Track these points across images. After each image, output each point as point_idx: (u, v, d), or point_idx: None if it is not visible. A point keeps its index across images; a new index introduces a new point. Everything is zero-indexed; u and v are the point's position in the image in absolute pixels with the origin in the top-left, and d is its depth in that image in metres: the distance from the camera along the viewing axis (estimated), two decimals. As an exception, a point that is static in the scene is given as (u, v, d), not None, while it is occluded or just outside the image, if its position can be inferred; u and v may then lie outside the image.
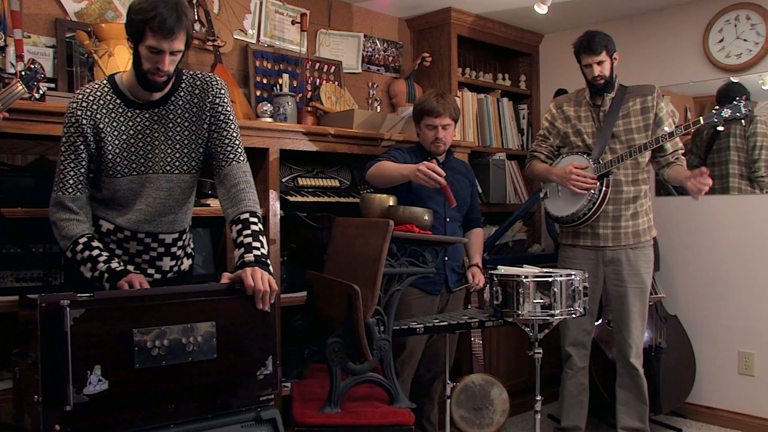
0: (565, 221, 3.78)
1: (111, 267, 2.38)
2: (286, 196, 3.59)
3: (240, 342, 2.25)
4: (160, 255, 2.60)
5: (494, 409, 3.85)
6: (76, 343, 1.97)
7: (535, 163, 3.98)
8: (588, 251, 3.79)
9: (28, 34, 3.31)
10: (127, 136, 2.46)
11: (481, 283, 3.68)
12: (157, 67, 2.34)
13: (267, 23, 4.23)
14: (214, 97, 2.54)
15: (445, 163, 3.63)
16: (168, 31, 2.27)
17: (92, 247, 2.41)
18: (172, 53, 2.34)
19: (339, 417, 2.65)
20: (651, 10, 4.78)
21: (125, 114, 2.46)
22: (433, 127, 3.52)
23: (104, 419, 2.02)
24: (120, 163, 2.46)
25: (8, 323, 2.69)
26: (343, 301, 2.65)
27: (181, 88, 2.52)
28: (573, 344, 3.86)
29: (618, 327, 3.81)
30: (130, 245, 2.55)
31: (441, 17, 4.82)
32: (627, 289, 3.73)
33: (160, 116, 2.50)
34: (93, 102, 2.43)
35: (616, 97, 3.74)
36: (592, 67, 3.65)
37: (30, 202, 2.91)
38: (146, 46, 2.31)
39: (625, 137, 3.69)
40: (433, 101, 3.51)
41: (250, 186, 2.50)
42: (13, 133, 2.76)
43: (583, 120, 3.81)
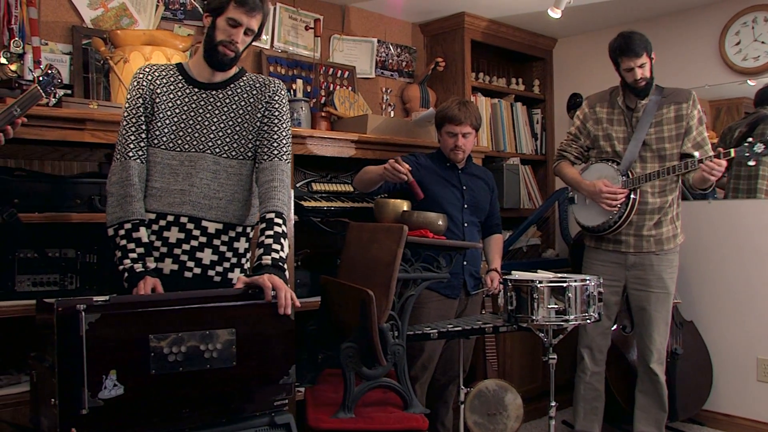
0: (592, 230, 3.75)
1: (133, 267, 2.37)
2: (301, 201, 3.60)
3: (261, 351, 2.24)
4: (201, 245, 2.55)
5: (508, 414, 3.84)
6: (92, 348, 1.97)
7: (565, 166, 3.90)
8: (610, 255, 3.76)
9: (45, 42, 3.34)
10: (180, 110, 2.53)
11: (498, 287, 3.68)
12: (231, 39, 2.46)
13: (281, 29, 4.25)
14: (273, 94, 2.61)
15: (464, 170, 3.65)
16: (251, 6, 2.45)
17: (131, 237, 2.41)
18: (247, 32, 2.49)
19: (353, 422, 2.65)
20: (666, 13, 4.76)
21: (183, 90, 2.55)
22: (454, 134, 3.53)
23: (119, 423, 2.03)
24: (167, 135, 2.51)
25: (25, 327, 2.72)
26: (357, 306, 2.65)
27: (242, 80, 2.62)
28: (588, 347, 3.83)
29: (640, 332, 3.77)
30: (171, 233, 2.51)
31: (454, 22, 4.82)
32: (650, 294, 3.68)
33: (217, 98, 2.57)
34: (156, 70, 2.56)
35: (650, 103, 3.63)
36: (633, 71, 3.55)
37: (47, 207, 2.93)
38: (227, 17, 2.45)
39: (656, 146, 3.62)
40: (455, 109, 3.52)
41: (283, 186, 2.51)
42: (30, 139, 2.79)
43: (615, 124, 3.72)
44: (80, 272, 3.10)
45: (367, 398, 2.77)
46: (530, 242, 5.20)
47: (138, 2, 3.67)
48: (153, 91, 2.51)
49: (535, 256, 5.21)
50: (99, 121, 2.89)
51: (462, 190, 3.60)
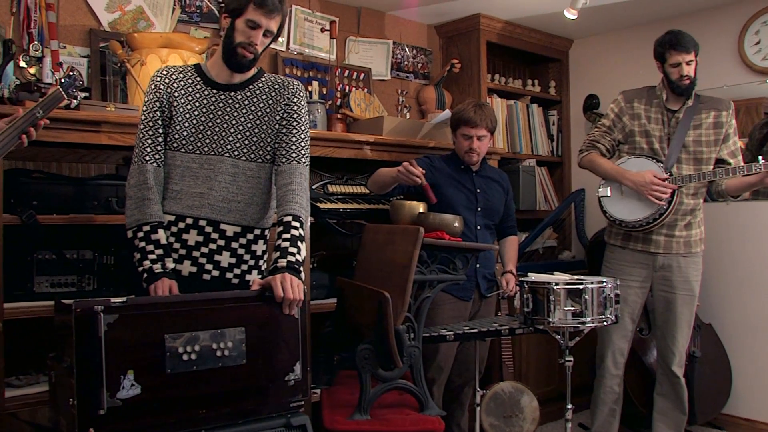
0: (627, 225, 3.65)
1: (152, 268, 2.39)
2: (316, 203, 3.60)
3: (269, 347, 2.26)
4: (220, 248, 2.56)
5: (524, 417, 3.82)
6: (110, 348, 1.99)
7: (597, 157, 3.77)
8: (638, 255, 3.69)
9: (63, 45, 3.36)
10: (198, 112, 2.53)
11: (514, 289, 3.67)
12: (249, 41, 2.46)
13: (296, 31, 4.26)
14: (292, 95, 2.60)
15: (478, 172, 3.64)
16: (270, 8, 2.44)
17: (150, 239, 2.43)
18: (266, 33, 2.48)
19: (369, 424, 2.65)
20: (684, 13, 4.73)
21: (201, 92, 2.55)
22: (469, 137, 3.52)
23: (137, 423, 2.04)
24: (186, 137, 2.51)
25: (44, 328, 2.74)
26: (373, 308, 2.65)
27: (261, 81, 2.61)
28: (609, 349, 3.78)
29: (663, 334, 3.73)
30: (190, 235, 2.53)
31: (470, 23, 4.82)
32: (676, 295, 3.64)
33: (235, 100, 2.56)
34: (173, 73, 2.55)
35: (690, 106, 3.59)
36: (681, 66, 3.49)
37: (65, 209, 2.95)
38: (246, 19, 2.44)
39: (694, 149, 3.57)
40: (471, 111, 3.51)
41: (301, 189, 2.51)
42: (49, 142, 2.80)
43: (653, 122, 3.65)
44: (97, 273, 3.12)
45: (383, 400, 2.77)
46: (546, 244, 5.18)
47: (154, 5, 3.69)
48: (170, 94, 2.51)
49: (551, 258, 5.19)
50: (116, 123, 2.90)
51: (476, 192, 3.59)
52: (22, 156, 3.10)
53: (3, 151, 2.29)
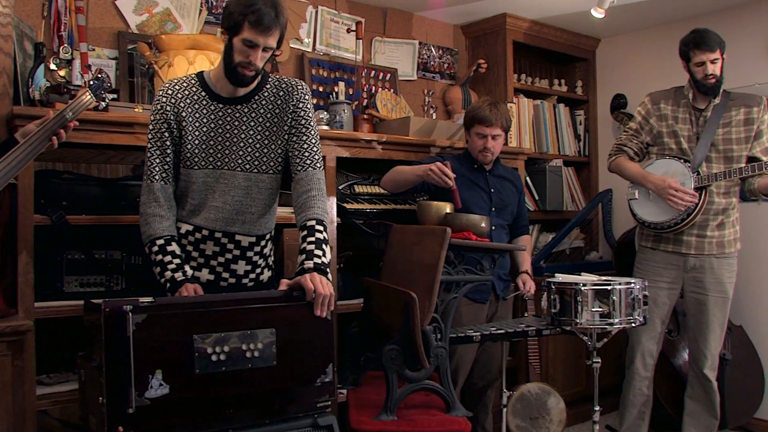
0: (654, 227, 3.63)
1: (174, 277, 2.41)
2: (343, 204, 3.61)
3: (300, 350, 2.26)
4: (236, 258, 2.60)
5: (551, 418, 3.80)
6: (138, 348, 2.00)
7: (624, 161, 3.77)
8: (669, 256, 3.66)
9: (92, 47, 3.40)
10: (207, 128, 2.51)
11: (532, 289, 3.63)
12: (248, 61, 2.41)
13: (322, 32, 4.27)
14: (297, 101, 2.57)
15: (492, 171, 3.60)
16: (266, 26, 2.36)
17: (166, 251, 2.45)
18: (265, 49, 2.42)
19: (395, 424, 2.65)
20: (713, 11, 4.67)
21: (208, 107, 2.52)
22: (483, 136, 3.48)
23: (165, 422, 2.05)
24: (198, 155, 2.51)
25: (73, 327, 2.76)
26: (400, 309, 2.64)
27: (266, 88, 2.57)
28: (639, 351, 3.74)
29: (694, 336, 3.68)
30: (207, 246, 2.56)
31: (496, 23, 4.80)
32: (707, 297, 3.59)
33: (243, 113, 2.54)
34: (178, 91, 2.51)
35: (719, 104, 3.55)
36: (705, 65, 3.46)
37: (93, 209, 2.98)
38: (242, 39, 2.38)
39: (723, 147, 3.53)
40: (486, 110, 3.47)
41: (321, 193, 2.51)
42: (78, 143, 2.83)
43: (681, 122, 3.62)
44: (126, 273, 3.15)
45: (410, 401, 2.77)
46: (573, 245, 5.15)
47: (182, 7, 3.72)
48: (178, 113, 2.49)
49: (578, 259, 5.15)
50: (144, 124, 2.92)
51: (489, 192, 3.55)
52: (52, 157, 3.14)
53: (34, 153, 2.31)
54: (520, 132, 4.82)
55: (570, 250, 5.14)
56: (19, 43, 2.96)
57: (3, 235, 2.71)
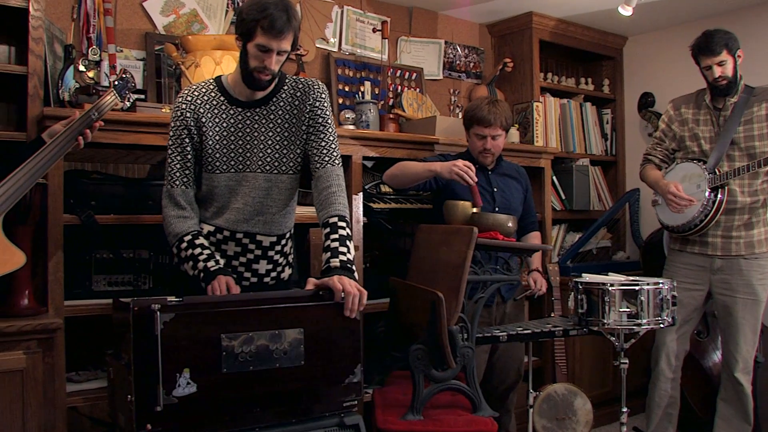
0: (676, 230, 3.63)
1: (207, 266, 2.42)
2: (369, 203, 3.61)
3: (328, 350, 2.26)
4: (257, 258, 2.62)
5: (577, 419, 3.77)
6: (166, 347, 2.01)
7: (649, 169, 3.81)
8: (696, 257, 3.63)
9: (120, 48, 3.43)
10: (227, 132, 2.53)
11: (543, 287, 3.59)
12: (264, 65, 2.42)
13: (348, 31, 4.27)
14: (314, 101, 2.58)
15: (495, 170, 3.53)
16: (278, 31, 2.36)
17: (195, 245, 2.47)
18: (279, 53, 2.43)
19: (421, 424, 2.64)
20: (741, 7, 4.61)
21: (227, 111, 2.54)
22: (482, 137, 3.39)
23: (192, 420, 2.06)
24: (219, 159, 2.53)
25: (102, 325, 2.79)
26: (426, 308, 2.64)
27: (283, 90, 2.59)
28: (664, 352, 3.71)
29: (725, 339, 3.63)
30: (228, 246, 2.58)
31: (522, 22, 4.78)
32: (736, 299, 3.53)
33: (261, 116, 2.56)
34: (197, 97, 2.53)
35: (739, 101, 3.52)
36: (712, 69, 3.47)
37: (121, 209, 3.01)
38: (255, 44, 2.39)
39: (745, 144, 3.48)
40: (485, 110, 3.35)
41: (341, 189, 2.52)
42: (106, 143, 2.86)
43: (702, 124, 3.62)
44: (153, 272, 3.17)
45: (436, 401, 2.76)
46: (600, 245, 5.11)
47: (208, 8, 3.74)
48: (198, 120, 2.51)
49: (605, 259, 5.11)
50: (172, 124, 2.94)
51: (492, 192, 3.47)
52: (81, 157, 3.17)
53: (61, 153, 2.34)
54: (546, 131, 4.79)
55: (597, 250, 5.10)
56: (49, 46, 2.99)
57: (34, 235, 2.75)
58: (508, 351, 3.54)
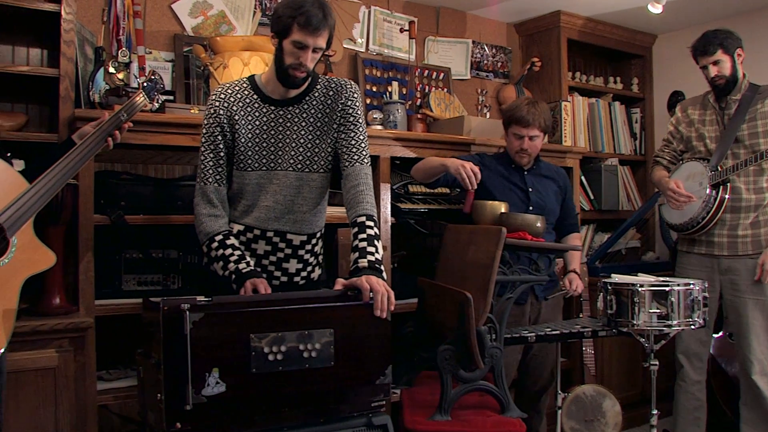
0: (680, 229, 3.63)
1: (239, 268, 2.43)
2: (397, 203, 3.60)
3: (358, 351, 2.25)
4: (287, 257, 2.62)
5: (606, 421, 3.73)
6: (196, 346, 2.02)
7: (657, 170, 3.84)
8: (703, 259, 3.61)
9: (149, 50, 3.46)
10: (259, 130, 2.54)
11: (579, 289, 3.56)
12: (299, 62, 2.43)
13: (375, 32, 4.27)
14: (346, 100, 2.59)
15: (531, 170, 3.51)
16: (314, 27, 2.38)
17: (226, 245, 2.48)
18: (315, 50, 2.44)
19: (449, 425, 2.63)
20: (773, 4, 4.55)
21: (260, 109, 2.55)
22: (520, 137, 3.38)
23: (221, 420, 2.07)
24: (251, 157, 2.54)
25: (131, 324, 2.81)
26: (454, 309, 2.63)
27: (316, 89, 2.60)
28: (686, 355, 3.67)
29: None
30: (259, 245, 2.59)
31: (550, 21, 4.75)
32: (746, 300, 3.49)
33: (294, 114, 2.57)
34: (230, 95, 2.54)
35: (743, 99, 3.51)
36: (708, 69, 3.51)
37: (150, 209, 3.03)
38: (291, 41, 2.41)
39: (749, 141, 3.46)
40: (524, 110, 3.35)
41: (369, 188, 2.52)
42: (135, 144, 2.88)
43: (708, 124, 3.62)
44: (182, 272, 3.19)
45: (464, 401, 2.75)
46: (629, 245, 5.07)
47: (236, 9, 3.76)
48: (231, 117, 2.52)
49: (634, 259, 5.07)
50: (200, 125, 2.94)
51: (527, 192, 3.45)
52: (111, 158, 3.20)
53: (90, 154, 2.36)
54: (575, 131, 4.75)
55: (626, 251, 5.06)
56: (80, 48, 3.03)
57: (65, 235, 2.78)
58: (543, 351, 3.52)
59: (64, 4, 2.83)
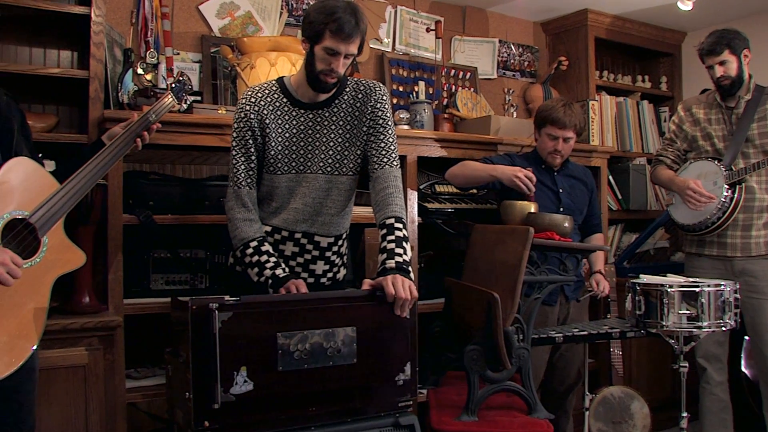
0: (691, 230, 3.57)
1: (275, 274, 2.44)
2: (424, 203, 3.60)
3: (379, 347, 2.27)
4: (315, 258, 2.63)
5: (634, 423, 3.70)
6: (224, 345, 2.04)
7: (660, 169, 3.78)
8: (715, 261, 3.55)
9: (177, 51, 3.48)
10: (289, 134, 2.55)
11: (606, 290, 3.54)
12: (330, 68, 2.43)
13: (402, 31, 4.27)
14: (375, 102, 2.59)
15: (560, 171, 3.50)
16: (347, 35, 2.38)
17: (261, 251, 2.48)
18: (346, 56, 2.45)
19: (476, 425, 2.63)
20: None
21: (290, 113, 2.55)
22: (555, 138, 3.37)
23: (249, 418, 2.09)
24: (281, 160, 2.54)
25: (159, 323, 2.84)
26: (482, 309, 2.62)
27: (345, 92, 2.60)
28: (706, 358, 3.62)
29: (755, 344, 3.53)
30: (286, 246, 2.59)
31: (577, 19, 4.72)
32: (763, 301, 3.43)
33: (323, 117, 2.57)
34: (261, 98, 2.54)
35: (752, 99, 3.48)
36: (714, 69, 3.48)
37: (179, 209, 3.05)
38: (323, 47, 2.41)
39: (760, 141, 3.42)
40: (560, 111, 3.34)
41: (398, 191, 2.52)
42: (163, 144, 2.90)
43: (714, 123, 3.59)
44: (210, 272, 3.21)
45: (491, 402, 2.75)
46: (658, 245, 5.01)
47: (263, 10, 3.77)
48: (261, 120, 2.52)
49: (663, 260, 5.01)
50: (227, 125, 2.97)
51: (558, 192, 3.45)
52: (139, 158, 3.23)
53: (120, 154, 2.38)
54: (602, 130, 4.71)
55: (654, 251, 5.00)
56: (109, 50, 3.06)
57: (94, 235, 2.81)
58: (570, 351, 3.51)
59: (94, 6, 2.86)
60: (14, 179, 2.08)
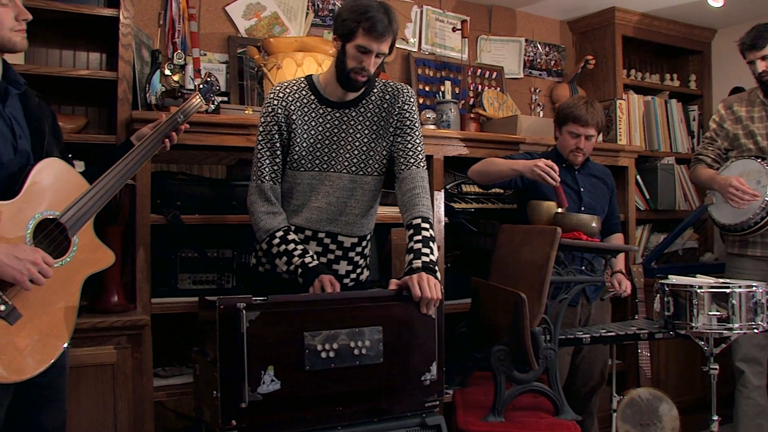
0: (734, 230, 3.51)
1: (305, 262, 2.43)
2: (451, 203, 3.59)
3: (406, 347, 2.27)
4: (338, 258, 2.63)
5: (663, 426, 3.66)
6: (251, 344, 2.05)
7: (700, 168, 3.73)
8: (758, 262, 3.50)
9: (204, 52, 3.50)
10: (315, 132, 2.55)
11: (628, 289, 3.51)
12: (362, 66, 2.44)
13: (428, 31, 4.27)
14: (403, 104, 2.59)
15: (581, 170, 3.48)
16: (379, 33, 2.40)
17: (288, 240, 2.48)
18: (378, 55, 2.46)
19: (503, 426, 2.61)
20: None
21: (317, 110, 2.56)
22: (576, 135, 3.35)
23: (276, 418, 2.10)
24: (305, 157, 2.55)
25: (186, 322, 2.86)
26: (509, 309, 2.61)
27: (373, 93, 2.60)
28: (745, 360, 3.57)
29: None
30: (310, 246, 2.58)
31: (604, 18, 4.68)
32: None
33: (350, 117, 2.58)
34: (288, 94, 2.55)
35: None
36: (755, 64, 3.42)
37: (206, 209, 3.07)
38: (355, 45, 2.42)
39: None
40: (582, 108, 3.32)
41: (425, 191, 2.51)
42: (191, 144, 2.92)
43: (757, 121, 3.53)
44: (237, 272, 3.22)
45: (518, 402, 2.73)
46: (686, 245, 4.96)
47: (289, 10, 3.79)
48: (288, 116, 2.52)
49: (691, 260, 4.96)
50: (254, 125, 2.99)
51: (579, 191, 3.42)
52: (167, 158, 3.25)
53: (148, 155, 2.40)
54: (630, 129, 4.67)
55: (683, 251, 4.96)
56: (137, 51, 3.08)
57: (123, 234, 2.83)
58: (592, 352, 3.47)
59: (123, 8, 2.89)
60: (45, 180, 2.10)
